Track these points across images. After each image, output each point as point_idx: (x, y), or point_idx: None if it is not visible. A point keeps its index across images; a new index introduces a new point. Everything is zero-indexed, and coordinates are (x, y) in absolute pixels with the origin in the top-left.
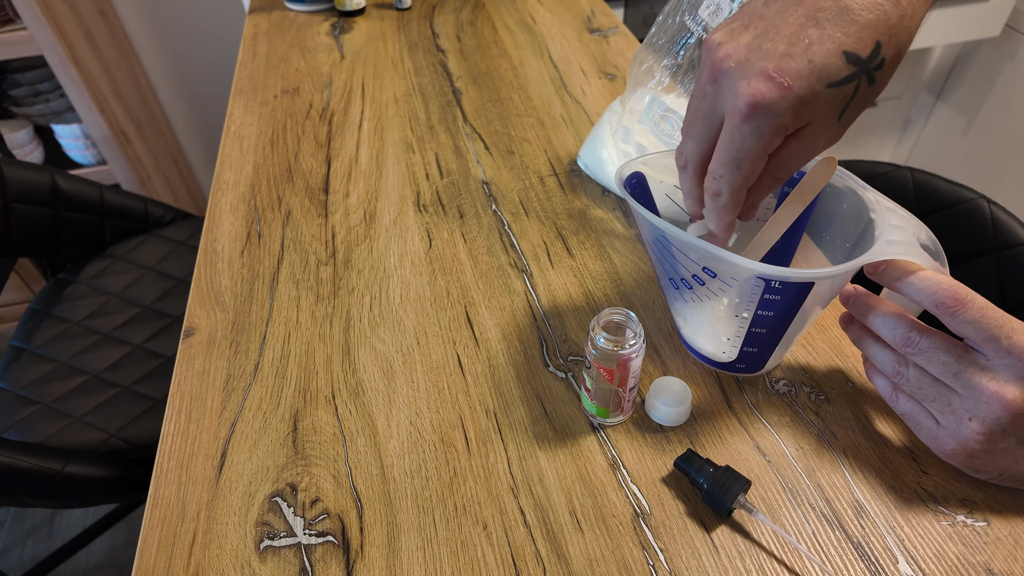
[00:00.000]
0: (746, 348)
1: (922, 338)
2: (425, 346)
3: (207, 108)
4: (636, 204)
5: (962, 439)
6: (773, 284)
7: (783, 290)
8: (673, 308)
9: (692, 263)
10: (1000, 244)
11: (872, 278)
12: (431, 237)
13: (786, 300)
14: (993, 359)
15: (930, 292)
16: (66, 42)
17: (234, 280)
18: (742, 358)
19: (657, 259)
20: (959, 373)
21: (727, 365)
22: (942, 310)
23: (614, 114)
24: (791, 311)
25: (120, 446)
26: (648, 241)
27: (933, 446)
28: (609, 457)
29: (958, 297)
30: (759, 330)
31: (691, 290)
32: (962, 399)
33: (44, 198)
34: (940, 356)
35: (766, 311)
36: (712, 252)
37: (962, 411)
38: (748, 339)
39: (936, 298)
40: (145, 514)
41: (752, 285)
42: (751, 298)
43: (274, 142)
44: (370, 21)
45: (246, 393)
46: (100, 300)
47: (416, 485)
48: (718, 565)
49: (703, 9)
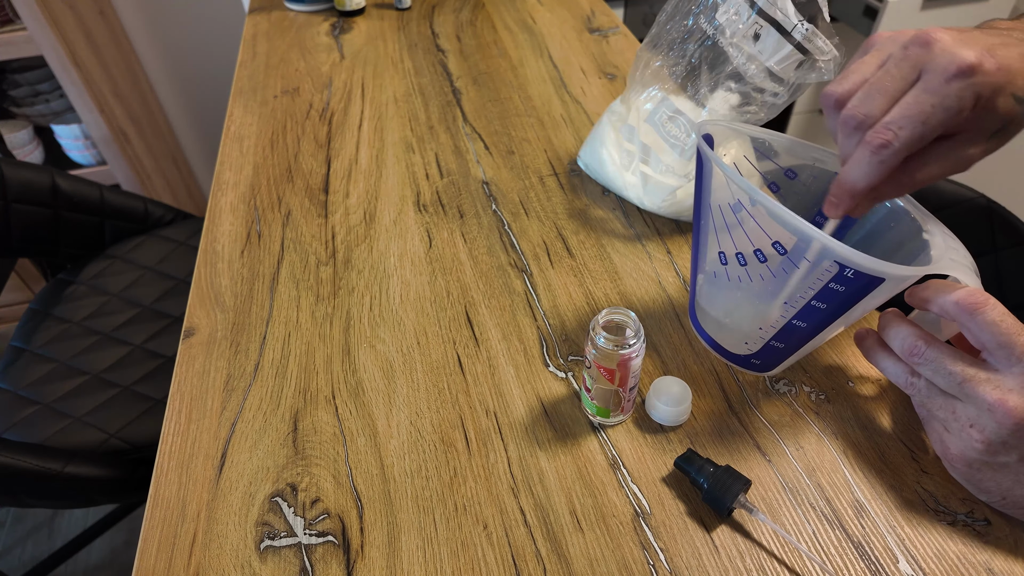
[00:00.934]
0: (774, 342)
1: (928, 348)
2: (425, 346)
3: (207, 108)
4: (722, 163)
5: (963, 447)
6: (846, 272)
7: (853, 280)
8: (702, 288)
9: (764, 236)
10: (1000, 244)
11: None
12: (431, 237)
13: (848, 294)
14: (1002, 366)
15: (954, 296)
16: (66, 42)
17: (234, 280)
18: (762, 353)
19: (716, 228)
20: (963, 383)
21: (741, 359)
22: (961, 309)
23: (614, 114)
24: (844, 307)
25: (120, 446)
26: (711, 204)
27: (942, 456)
28: (609, 457)
29: (977, 300)
30: (800, 323)
31: (744, 266)
32: (965, 407)
33: (44, 198)
34: (945, 366)
35: (821, 302)
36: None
37: (964, 419)
38: (783, 332)
39: (957, 297)
40: (145, 514)
41: (823, 271)
42: (813, 285)
43: (274, 142)
44: (370, 21)
45: (246, 393)
46: (100, 300)
47: (416, 485)
48: (718, 565)
49: (720, 13)
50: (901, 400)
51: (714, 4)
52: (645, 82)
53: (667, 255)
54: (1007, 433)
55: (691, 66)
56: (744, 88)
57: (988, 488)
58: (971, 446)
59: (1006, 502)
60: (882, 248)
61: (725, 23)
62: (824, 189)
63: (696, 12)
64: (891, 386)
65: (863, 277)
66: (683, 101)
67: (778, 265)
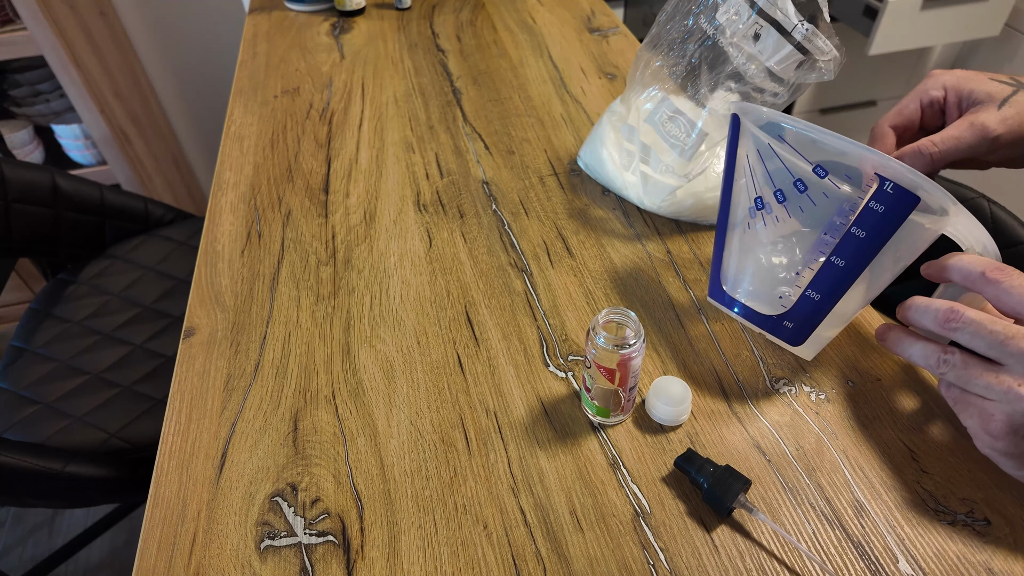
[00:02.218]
0: (810, 292)
1: (965, 312)
2: (425, 346)
3: (207, 108)
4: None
5: (1011, 411)
6: (886, 187)
7: (891, 197)
8: (731, 246)
9: (803, 163)
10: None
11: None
12: (431, 237)
13: (886, 215)
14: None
15: (975, 264)
16: (66, 42)
17: (234, 280)
18: (797, 310)
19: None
20: (1005, 340)
21: (774, 321)
22: (988, 279)
23: (614, 114)
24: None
25: (120, 446)
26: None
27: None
28: (609, 457)
29: (1003, 267)
30: (839, 260)
31: (783, 202)
32: (1010, 369)
33: (44, 198)
34: (986, 326)
35: (861, 229)
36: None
37: (1010, 380)
38: (821, 275)
39: (982, 268)
40: (146, 514)
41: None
42: (852, 207)
43: (274, 142)
44: (370, 21)
45: (246, 393)
46: (100, 300)
47: (416, 485)
48: (718, 564)
49: (720, 13)
50: (901, 400)
51: (714, 4)
52: (645, 82)
53: (667, 255)
54: None
55: (691, 66)
56: (744, 88)
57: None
58: (1019, 407)
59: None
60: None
61: (725, 23)
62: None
63: (696, 12)
64: (891, 386)
65: (901, 193)
66: (683, 101)
67: (819, 191)
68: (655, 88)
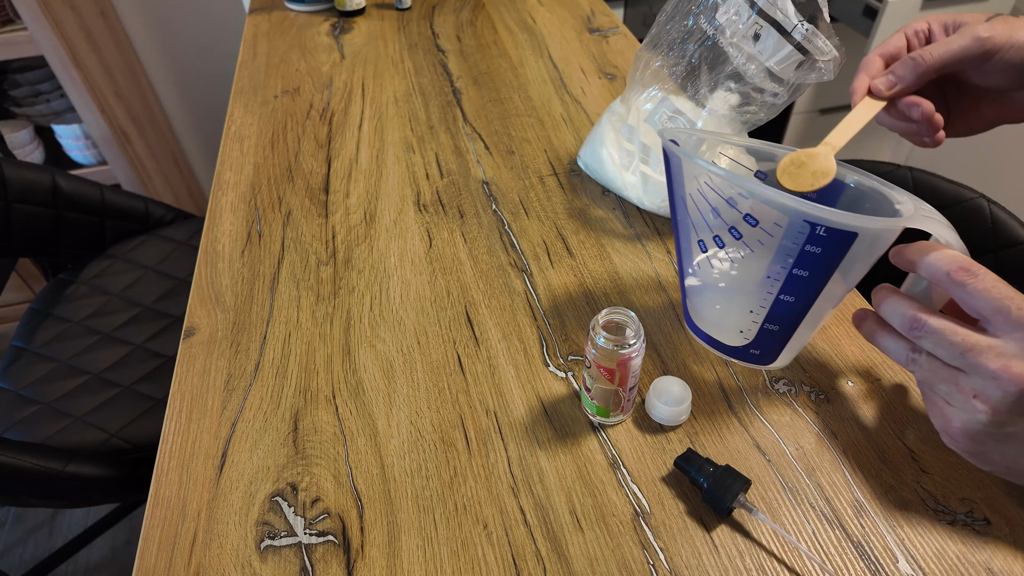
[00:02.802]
0: (768, 325)
1: (928, 321)
2: (425, 346)
3: (207, 108)
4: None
5: (968, 420)
6: (818, 231)
7: (826, 240)
8: (690, 286)
9: (733, 212)
10: (1000, 243)
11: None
12: (431, 237)
13: (825, 256)
14: (1002, 332)
15: (943, 263)
16: (66, 42)
17: (234, 280)
18: (759, 340)
19: (691, 216)
20: (965, 352)
21: (741, 351)
22: (953, 279)
23: (614, 114)
24: (826, 274)
25: (121, 446)
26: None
27: (943, 431)
28: (609, 457)
29: (968, 268)
30: (788, 297)
31: (723, 248)
32: (969, 378)
33: (45, 198)
34: (946, 338)
35: (802, 269)
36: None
37: (968, 390)
38: (774, 311)
39: (949, 268)
40: (146, 514)
41: (796, 234)
42: (790, 252)
43: (274, 142)
44: (370, 21)
45: (247, 393)
46: (101, 300)
47: (416, 484)
48: (718, 564)
49: (720, 14)
50: (901, 400)
51: (714, 4)
52: (645, 82)
53: (667, 255)
54: (1012, 400)
55: (691, 66)
56: (744, 88)
57: (993, 459)
58: (976, 418)
59: (1010, 471)
60: None
61: (725, 23)
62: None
63: (696, 12)
64: (891, 386)
65: (836, 234)
66: (683, 101)
67: (754, 238)
68: (655, 88)
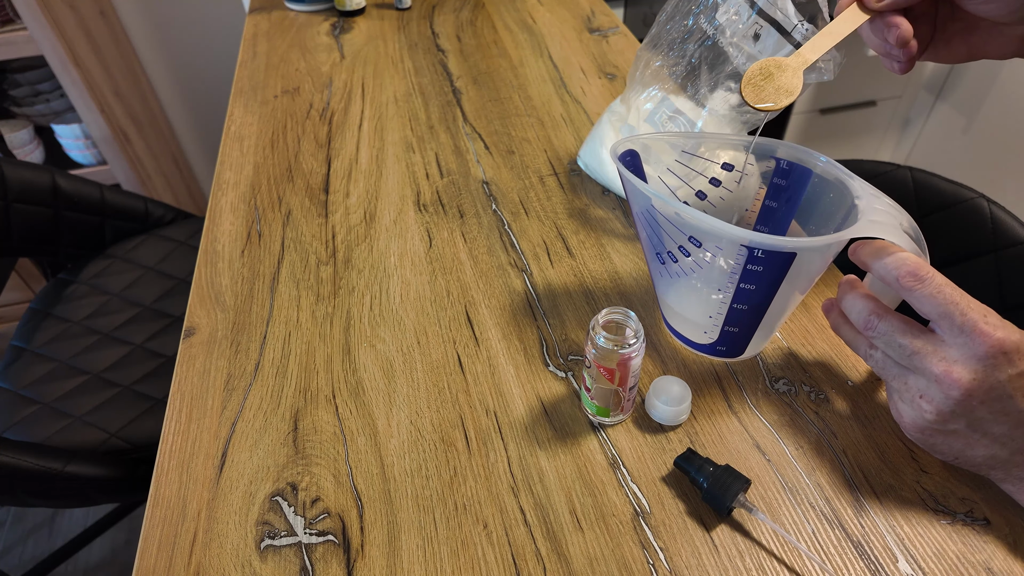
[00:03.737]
0: (727, 327)
1: (880, 321)
2: (425, 346)
3: (207, 108)
4: (628, 173)
5: (915, 417)
6: (756, 253)
7: (766, 260)
8: (659, 289)
9: (679, 232)
10: (1000, 243)
11: (851, 259)
12: (431, 237)
13: (768, 272)
14: (947, 337)
15: (893, 267)
16: (66, 42)
17: (234, 280)
18: (723, 339)
19: (646, 233)
20: (912, 355)
21: (709, 348)
22: (902, 284)
23: (614, 114)
24: (773, 286)
25: (121, 446)
26: (637, 214)
27: (898, 422)
28: (609, 456)
29: (917, 273)
30: (741, 306)
31: (676, 263)
32: (916, 379)
33: (44, 198)
34: (896, 339)
35: (748, 284)
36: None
37: (915, 389)
38: (730, 317)
39: (898, 273)
40: (146, 514)
41: (736, 255)
42: (734, 270)
43: (274, 142)
44: (370, 21)
45: (246, 393)
46: (100, 300)
47: (416, 484)
48: (718, 564)
49: (721, 13)
50: None
51: (714, 4)
52: (645, 82)
53: None
54: (953, 403)
55: (691, 66)
56: None
57: (942, 451)
58: (922, 416)
59: (959, 461)
60: (818, 215)
61: (725, 23)
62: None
63: (696, 12)
64: None
65: (774, 255)
66: (683, 101)
67: (700, 257)
68: (655, 88)
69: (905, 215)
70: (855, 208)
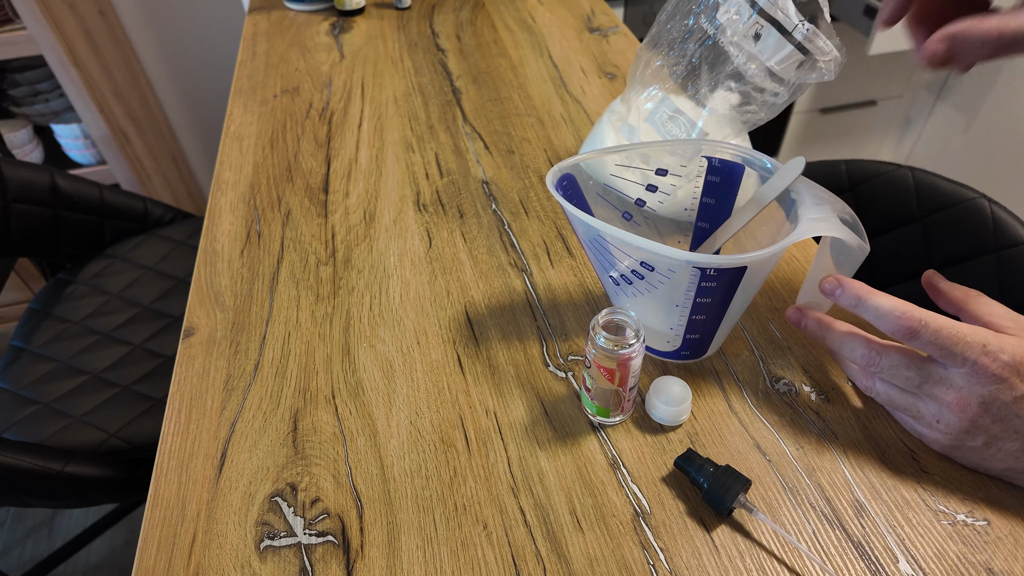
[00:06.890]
0: (689, 336)
1: (882, 357)
2: (425, 346)
3: (207, 108)
4: (570, 206)
5: (934, 437)
6: (708, 272)
7: (718, 277)
8: (616, 303)
9: (630, 259)
10: (1000, 243)
11: (830, 298)
12: (431, 237)
13: (722, 286)
14: (952, 371)
15: (888, 320)
16: (66, 42)
17: (234, 280)
18: (686, 346)
19: (596, 258)
20: (922, 385)
21: (674, 354)
22: (900, 337)
23: (614, 113)
24: (727, 296)
25: (120, 446)
26: (585, 241)
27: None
28: (609, 457)
29: (912, 327)
30: (699, 317)
31: (631, 285)
32: (927, 405)
33: (44, 198)
34: (902, 372)
35: (704, 298)
36: (648, 248)
37: (929, 416)
38: (690, 327)
39: (893, 327)
40: (145, 514)
41: (689, 275)
42: (689, 287)
43: (274, 142)
44: (370, 21)
45: (246, 393)
46: (100, 300)
47: (416, 485)
48: (718, 564)
49: (721, 13)
50: None
51: (715, 4)
52: (645, 81)
53: None
54: (968, 424)
55: (691, 66)
56: (744, 88)
57: (965, 461)
58: (939, 439)
59: (981, 468)
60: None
61: (726, 23)
62: None
63: (697, 11)
64: None
65: (726, 271)
66: (683, 101)
67: (655, 279)
68: (655, 88)
69: (839, 201)
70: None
